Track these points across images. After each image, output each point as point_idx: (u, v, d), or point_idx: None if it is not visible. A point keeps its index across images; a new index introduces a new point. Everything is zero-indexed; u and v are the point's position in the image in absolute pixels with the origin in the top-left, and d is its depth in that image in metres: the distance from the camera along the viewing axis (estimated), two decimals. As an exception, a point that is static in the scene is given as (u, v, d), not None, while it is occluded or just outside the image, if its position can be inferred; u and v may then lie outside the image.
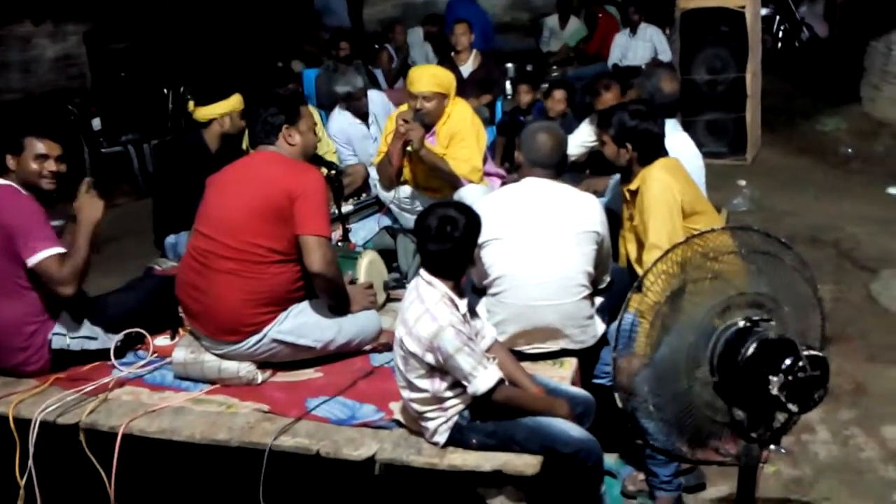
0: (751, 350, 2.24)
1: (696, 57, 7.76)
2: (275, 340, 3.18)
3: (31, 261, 3.12)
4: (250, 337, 3.14)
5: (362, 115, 5.51)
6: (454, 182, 4.49)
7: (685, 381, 2.38)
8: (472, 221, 2.64)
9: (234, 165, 3.28)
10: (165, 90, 8.11)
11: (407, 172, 4.65)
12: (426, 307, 2.59)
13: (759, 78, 7.87)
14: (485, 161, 4.73)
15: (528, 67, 9.20)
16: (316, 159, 3.65)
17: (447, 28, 8.42)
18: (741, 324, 2.33)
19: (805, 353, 2.16)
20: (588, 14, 10.18)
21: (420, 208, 4.59)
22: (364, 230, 4.54)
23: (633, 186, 3.46)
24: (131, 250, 5.66)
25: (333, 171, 3.97)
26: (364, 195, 5.07)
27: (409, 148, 4.37)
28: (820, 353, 2.19)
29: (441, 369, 2.61)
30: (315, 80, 7.66)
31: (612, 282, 3.46)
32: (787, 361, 2.14)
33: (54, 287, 3.14)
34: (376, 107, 5.55)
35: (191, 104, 4.60)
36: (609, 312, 3.40)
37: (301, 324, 3.21)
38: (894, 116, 8.08)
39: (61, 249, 3.16)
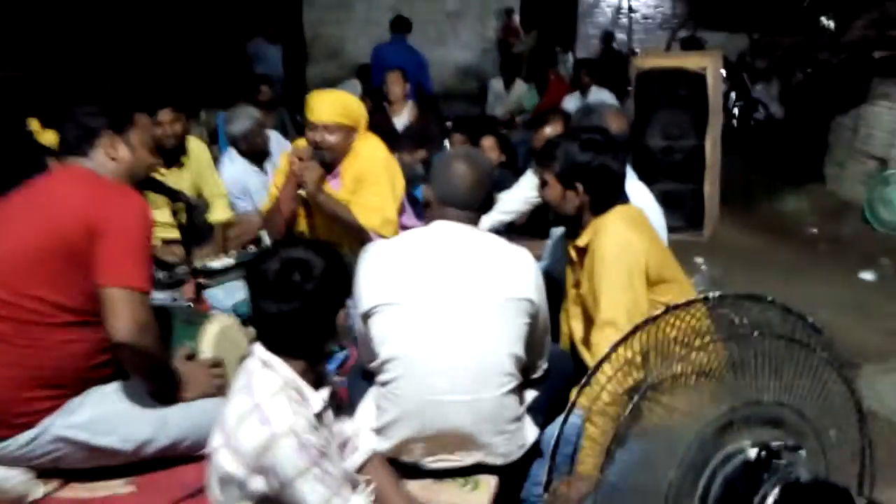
0: (771, 499, 1.34)
1: (652, 121, 7.05)
2: (60, 438, 2.19)
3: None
4: (23, 432, 2.16)
5: (261, 156, 4.62)
6: (360, 236, 3.58)
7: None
8: (334, 268, 1.75)
9: (25, 188, 2.32)
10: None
11: (303, 223, 3.74)
12: (255, 402, 1.66)
13: (719, 147, 7.21)
14: (402, 212, 3.85)
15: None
16: (154, 186, 2.71)
17: (375, 77, 7.68)
18: (751, 452, 1.45)
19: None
20: (538, 77, 9.53)
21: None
22: (239, 290, 3.58)
23: (581, 242, 2.59)
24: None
25: (181, 203, 3.02)
26: (252, 247, 4.12)
27: (300, 192, 3.46)
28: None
29: (276, 501, 1.66)
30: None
31: (550, 370, 2.56)
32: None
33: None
34: (277, 152, 4.69)
35: (34, 124, 3.64)
36: (545, 412, 2.49)
37: (102, 415, 2.23)
38: (860, 196, 7.46)
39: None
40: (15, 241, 2.15)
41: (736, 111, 11.19)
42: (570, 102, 8.31)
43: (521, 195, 4.23)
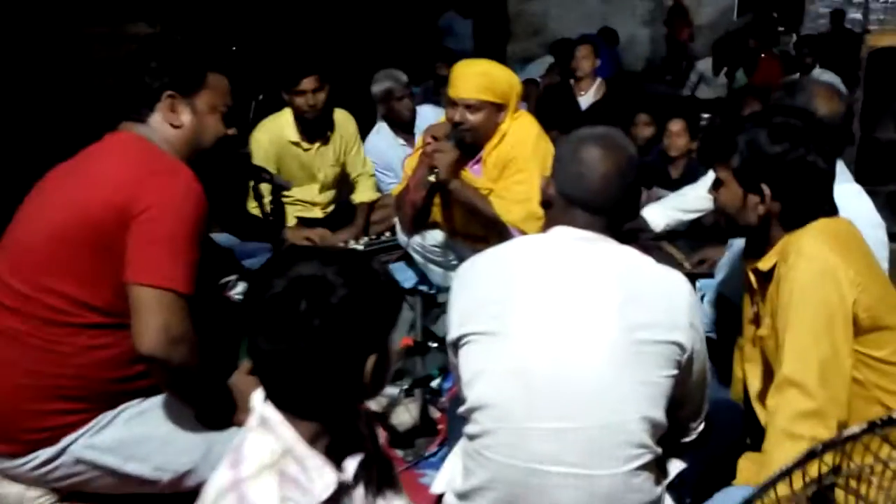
0: None
1: (885, 110, 5.99)
2: (83, 461, 1.83)
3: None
4: (39, 449, 1.81)
5: (408, 127, 4.18)
6: (501, 233, 3.04)
7: None
8: (361, 295, 1.23)
9: (71, 159, 1.96)
10: None
11: (438, 213, 3.24)
12: (237, 477, 1.18)
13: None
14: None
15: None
16: (241, 161, 2.29)
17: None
18: None
19: None
20: (748, 59, 8.48)
21: (456, 262, 3.18)
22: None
23: (765, 265, 1.91)
24: None
25: (268, 181, 2.58)
26: (388, 234, 3.67)
27: (430, 177, 2.96)
28: None
29: None
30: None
31: (709, 431, 1.91)
32: None
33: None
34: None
35: None
36: (694, 489, 1.86)
37: (134, 437, 1.85)
38: None
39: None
40: (38, 224, 1.80)
41: None
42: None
43: (705, 190, 3.53)
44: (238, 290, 2.42)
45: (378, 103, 4.31)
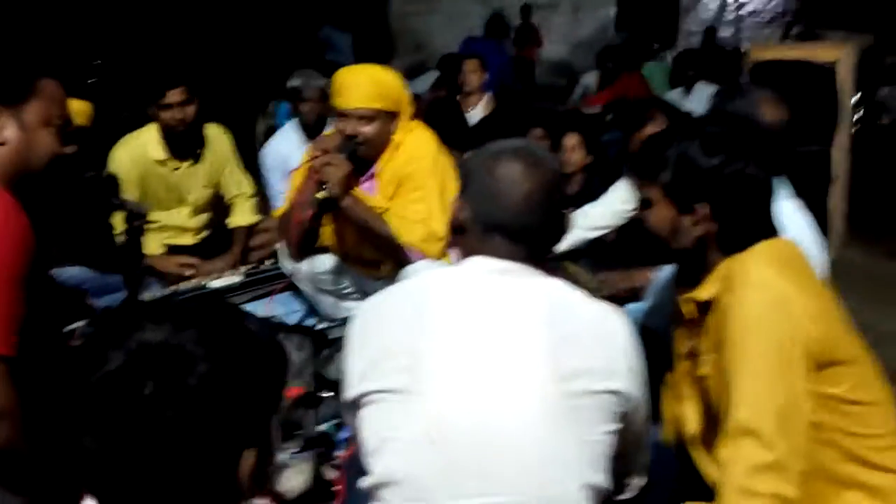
0: None
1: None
2: None
3: None
4: None
5: (314, 133, 3.86)
6: (397, 256, 2.75)
7: None
8: (231, 368, 0.91)
9: None
10: None
11: (328, 235, 2.92)
12: None
13: (848, 155, 6.13)
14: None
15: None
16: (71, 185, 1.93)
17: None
18: None
19: None
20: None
21: (350, 289, 2.88)
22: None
23: (704, 294, 1.69)
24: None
25: (120, 207, 2.20)
26: (268, 262, 3.32)
27: (319, 194, 2.64)
28: None
29: None
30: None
31: (648, 483, 1.67)
32: None
33: None
34: None
35: None
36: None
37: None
38: None
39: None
40: None
41: (857, 116, 9.95)
42: (672, 98, 7.32)
43: (612, 208, 3.36)
44: (88, 338, 2.03)
45: (293, 96, 3.97)
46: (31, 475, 1.46)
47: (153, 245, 3.47)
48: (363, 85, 2.73)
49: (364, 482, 1.39)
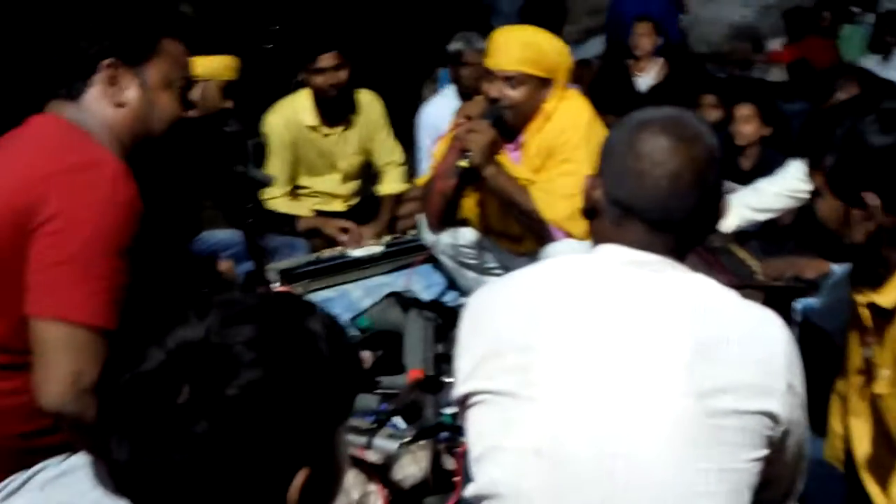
0: None
1: None
2: (-15, 536, 1.43)
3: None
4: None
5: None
6: (540, 232, 2.58)
7: None
8: (284, 376, 0.78)
9: None
10: None
11: (470, 207, 2.79)
12: None
13: None
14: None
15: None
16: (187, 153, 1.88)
17: (611, 29, 6.55)
18: None
19: None
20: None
21: (492, 264, 2.76)
22: (369, 294, 2.71)
23: (886, 299, 1.42)
24: None
25: (243, 176, 2.13)
26: (412, 232, 3.22)
27: (461, 163, 2.51)
28: None
29: None
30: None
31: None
32: None
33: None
34: None
35: None
36: None
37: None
38: None
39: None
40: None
41: None
42: (868, 66, 6.65)
43: (787, 186, 3.02)
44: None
45: (450, 61, 3.85)
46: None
47: (303, 210, 3.47)
48: (513, 46, 2.55)
49: (467, 490, 1.26)
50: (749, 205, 3.03)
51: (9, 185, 1.36)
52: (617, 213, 1.28)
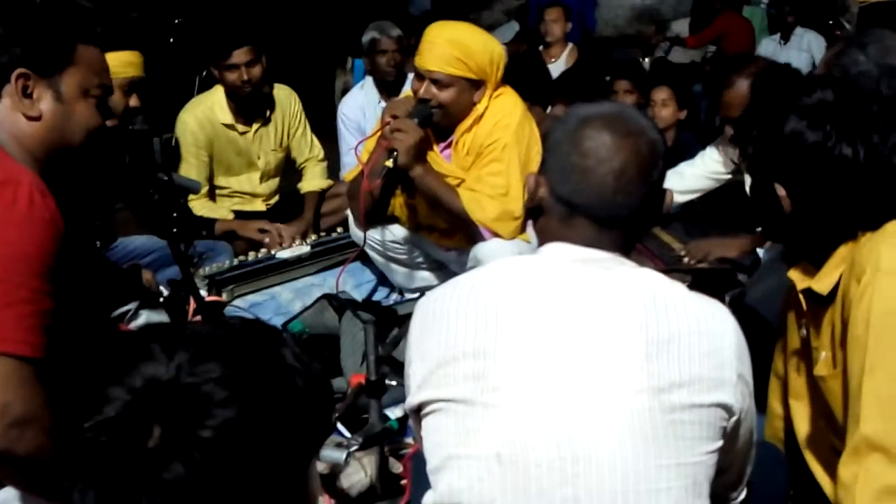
0: None
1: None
2: None
3: None
4: None
5: (392, 89, 3.66)
6: (469, 232, 2.56)
7: None
8: (259, 414, 0.74)
9: None
10: None
11: (399, 207, 2.75)
12: None
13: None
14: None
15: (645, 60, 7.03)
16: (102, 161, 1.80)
17: (532, 15, 6.58)
18: None
19: None
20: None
21: (420, 259, 2.72)
22: (299, 295, 2.66)
23: (822, 284, 1.45)
24: None
25: (166, 183, 2.05)
26: (339, 230, 3.17)
27: (387, 162, 2.46)
28: None
29: None
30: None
31: (751, 486, 1.46)
32: None
33: None
34: None
35: None
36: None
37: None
38: None
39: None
40: None
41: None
42: (768, 46, 6.83)
43: (707, 168, 3.10)
44: (140, 321, 1.91)
45: (364, 56, 3.81)
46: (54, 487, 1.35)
47: (222, 212, 3.37)
48: (441, 47, 2.49)
49: (425, 499, 1.23)
50: (672, 188, 3.08)
51: None
52: (563, 211, 1.27)
